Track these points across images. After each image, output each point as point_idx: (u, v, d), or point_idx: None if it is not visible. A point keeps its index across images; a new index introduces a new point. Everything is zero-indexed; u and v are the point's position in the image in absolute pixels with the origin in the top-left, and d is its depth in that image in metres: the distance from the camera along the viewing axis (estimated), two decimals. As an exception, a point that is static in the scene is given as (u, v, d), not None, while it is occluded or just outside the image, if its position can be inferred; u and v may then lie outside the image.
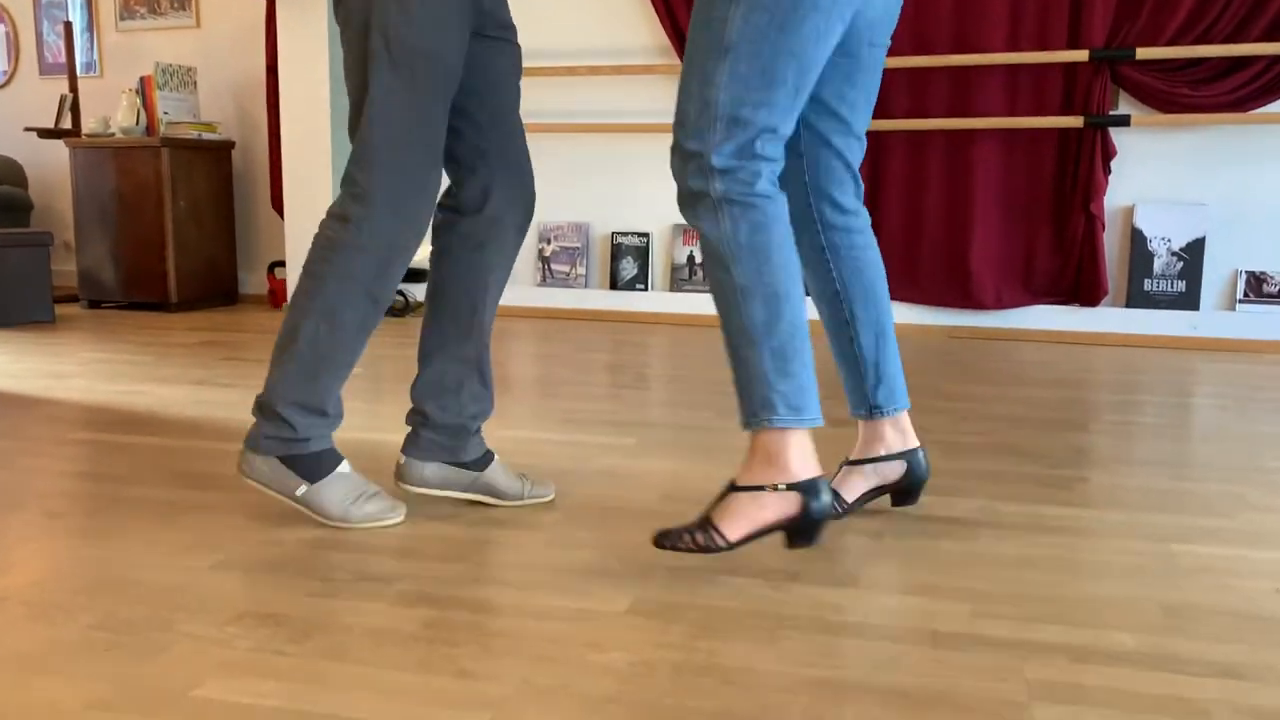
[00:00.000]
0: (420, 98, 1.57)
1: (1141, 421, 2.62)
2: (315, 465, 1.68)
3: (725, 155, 1.44)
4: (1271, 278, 3.93)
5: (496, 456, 1.87)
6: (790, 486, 1.45)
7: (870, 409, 1.75)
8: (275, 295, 5.11)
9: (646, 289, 4.68)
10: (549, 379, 3.13)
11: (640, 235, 4.69)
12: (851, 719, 1.09)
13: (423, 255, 4.99)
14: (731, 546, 1.47)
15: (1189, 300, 3.98)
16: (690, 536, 1.47)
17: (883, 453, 1.75)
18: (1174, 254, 3.99)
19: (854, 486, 1.77)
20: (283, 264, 5.08)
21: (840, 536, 1.69)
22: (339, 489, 1.69)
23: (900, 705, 1.12)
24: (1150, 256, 4.01)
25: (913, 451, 1.76)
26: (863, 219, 1.72)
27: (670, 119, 4.61)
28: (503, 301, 4.86)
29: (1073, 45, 3.99)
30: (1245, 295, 3.95)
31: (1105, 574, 1.53)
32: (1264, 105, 3.84)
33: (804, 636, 1.29)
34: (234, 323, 4.48)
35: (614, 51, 4.66)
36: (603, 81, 4.69)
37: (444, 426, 1.76)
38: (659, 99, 4.63)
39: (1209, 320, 3.96)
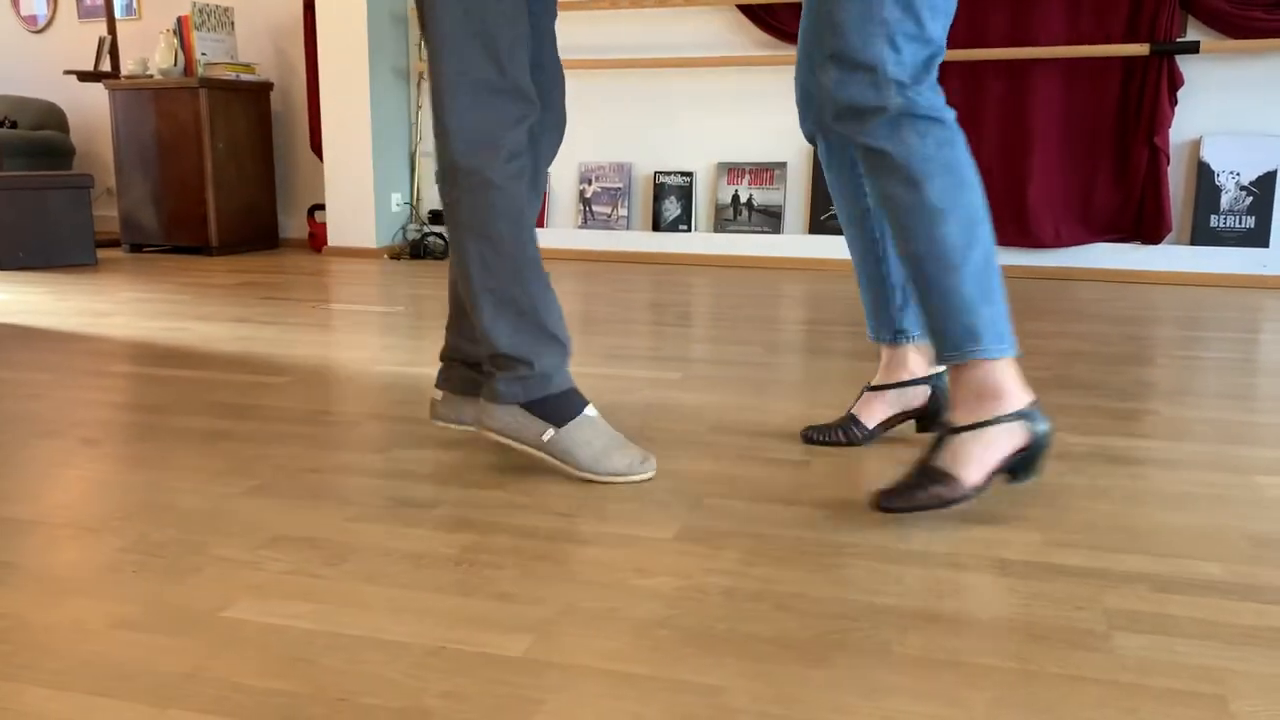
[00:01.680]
0: (500, 18, 1.43)
1: (1209, 356, 2.50)
2: (561, 406, 1.53)
3: (904, 68, 1.32)
4: (1347, 213, 3.74)
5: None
6: (1014, 416, 1.34)
7: (895, 333, 1.66)
8: (315, 239, 5.07)
9: (690, 230, 4.58)
10: (591, 316, 3.06)
11: (684, 175, 4.58)
12: (917, 646, 1.01)
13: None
14: (977, 492, 1.35)
15: (1258, 237, 3.80)
16: (924, 493, 1.34)
17: (906, 378, 1.68)
18: (1243, 189, 3.81)
19: (875, 412, 1.70)
20: (322, 207, 5.04)
21: (900, 466, 1.61)
22: (588, 434, 1.53)
23: (969, 633, 1.04)
24: (1218, 191, 3.84)
25: (939, 376, 1.68)
26: None
27: (717, 52, 4.47)
28: (542, 243, 4.78)
29: (1139, -32, 3.80)
30: (1318, 231, 3.77)
31: (1185, 505, 1.43)
32: (1344, 29, 3.63)
33: (863, 564, 1.22)
34: (274, 265, 4.45)
35: (657, -16, 4.52)
36: (645, 15, 4.55)
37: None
38: (703, 33, 4.49)
39: None
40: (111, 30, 5.09)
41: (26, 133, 5.22)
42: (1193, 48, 3.70)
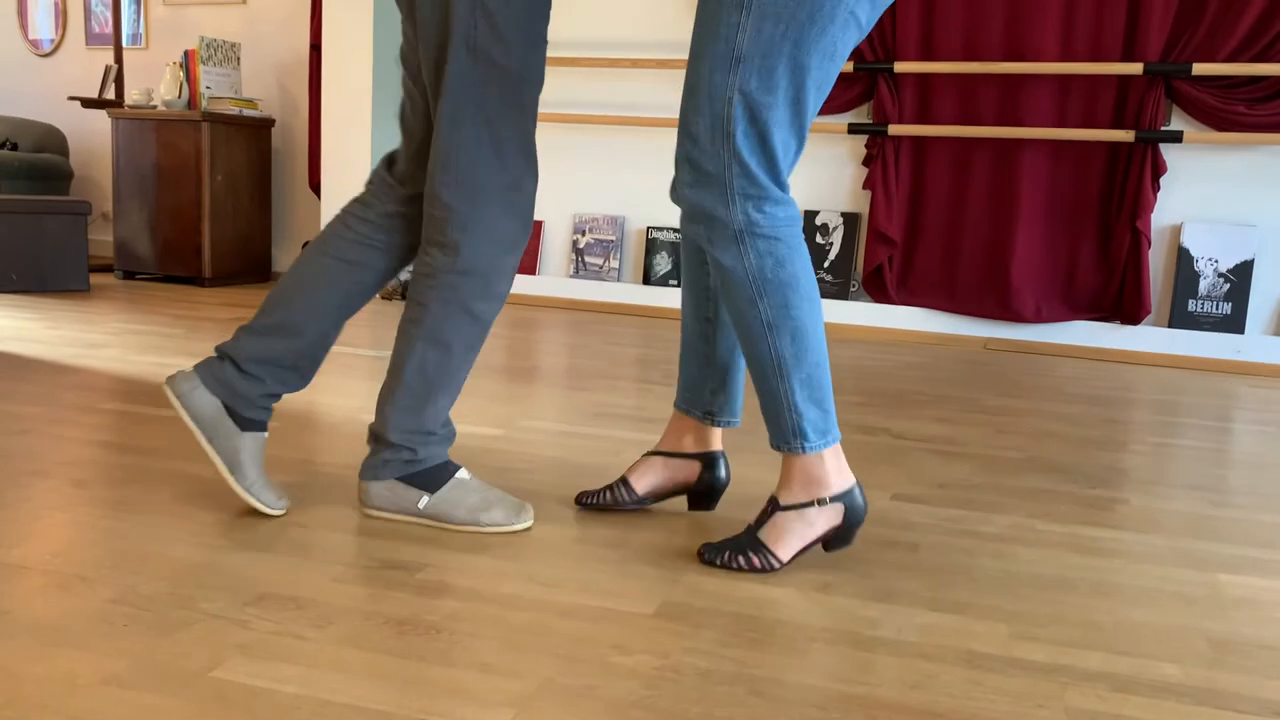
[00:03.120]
0: (507, 113, 1.51)
1: (1182, 444, 2.56)
2: (433, 475, 1.63)
3: (745, 179, 1.38)
4: (1320, 304, 3.84)
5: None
6: (833, 499, 1.49)
7: (704, 413, 1.68)
8: (308, 274, 5.11)
9: (679, 285, 4.64)
10: (579, 370, 3.10)
11: (675, 231, 4.65)
12: (885, 739, 1.05)
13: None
14: (783, 565, 1.49)
15: (1234, 323, 3.90)
16: (743, 557, 1.49)
17: (687, 450, 1.71)
18: (1221, 275, 3.91)
19: (648, 478, 1.72)
20: (317, 244, 5.08)
21: (875, 549, 1.65)
22: (463, 494, 1.62)
23: (935, 727, 1.08)
24: (1196, 277, 3.93)
25: (714, 455, 1.71)
26: None
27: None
28: (532, 291, 4.84)
29: (1127, 57, 3.92)
30: (1292, 321, 3.86)
31: (1149, 601, 1.48)
32: (1322, 127, 3.75)
33: (836, 650, 1.26)
34: (266, 300, 4.48)
35: (657, 45, 4.62)
36: (644, 75, 4.65)
37: None
38: (702, 95, 4.58)
39: (1254, 344, 3.87)
40: (118, 59, 5.15)
41: (26, 155, 5.26)
42: (1176, 137, 3.81)
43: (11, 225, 4.22)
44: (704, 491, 1.73)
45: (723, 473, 1.72)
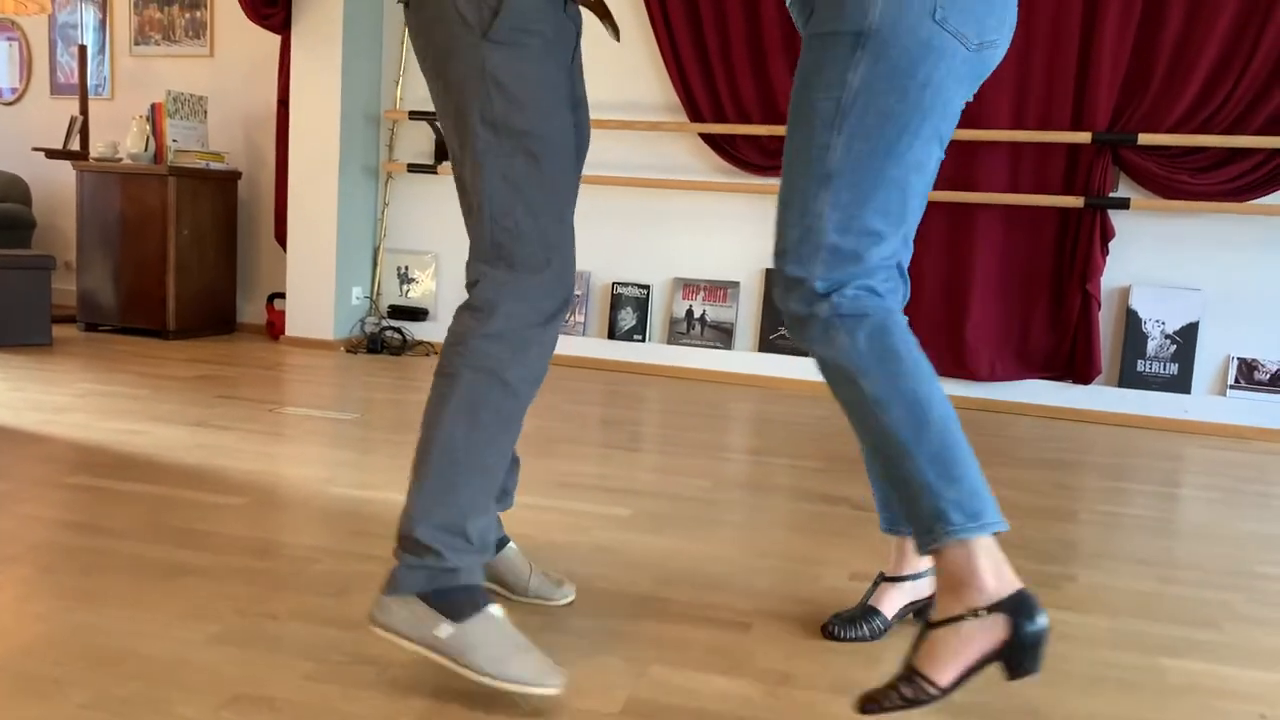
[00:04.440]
0: (537, 180, 1.45)
1: (1130, 513, 2.64)
2: (462, 601, 1.40)
3: (828, 281, 1.38)
4: (1262, 365, 3.97)
5: (513, 542, 1.81)
6: (991, 609, 1.29)
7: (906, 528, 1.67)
8: (273, 326, 5.11)
9: (644, 340, 4.71)
10: (544, 434, 3.14)
11: (640, 287, 4.72)
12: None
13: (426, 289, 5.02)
14: (945, 693, 1.30)
15: (1181, 383, 4.02)
16: (898, 694, 1.31)
17: (922, 570, 1.73)
18: (1168, 336, 4.03)
19: (894, 602, 1.73)
20: (282, 295, 5.10)
21: (831, 641, 1.70)
22: (490, 636, 1.39)
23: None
24: (1144, 338, 4.06)
25: None
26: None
27: (679, 175, 4.65)
28: (500, 345, 4.87)
29: (1076, 126, 4.06)
30: (1236, 381, 3.99)
31: (1095, 689, 1.54)
32: (1261, 196, 3.90)
33: (796, 749, 1.30)
34: (231, 354, 4.48)
35: (623, 106, 4.71)
36: (611, 135, 4.73)
37: None
38: (666, 155, 4.67)
39: (1200, 404, 3.99)
40: (84, 110, 5.15)
41: (-12, 205, 5.23)
42: (1124, 204, 3.95)
43: (-27, 280, 4.20)
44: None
45: None
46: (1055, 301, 4.16)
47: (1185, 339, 4.02)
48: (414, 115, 4.86)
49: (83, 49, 5.14)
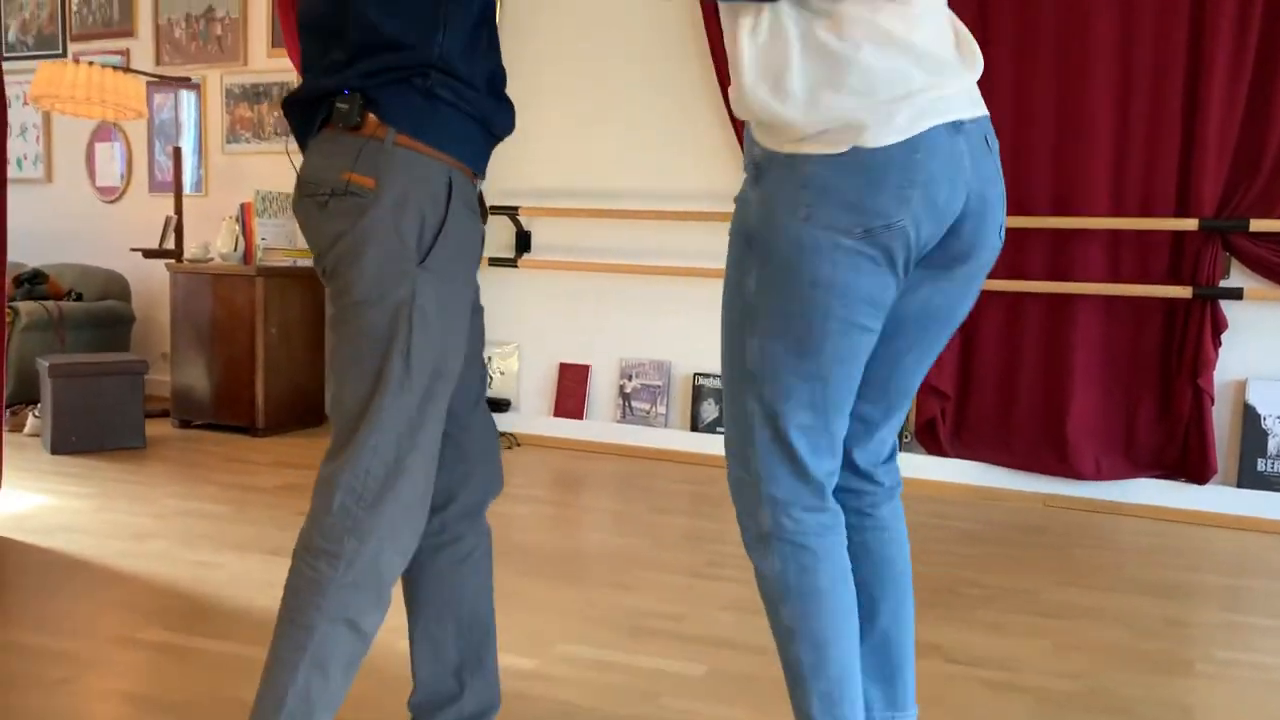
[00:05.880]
0: (427, 419, 1.41)
1: (1254, 660, 2.42)
2: None
3: (774, 485, 1.39)
4: (1399, 463, 3.66)
5: None
6: None
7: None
8: (359, 419, 5.15)
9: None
10: (622, 553, 3.04)
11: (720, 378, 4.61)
12: None
13: (504, 388, 4.97)
14: None
15: (1307, 483, 3.73)
16: None
17: None
18: (1290, 433, 3.76)
19: None
20: (368, 388, 5.13)
21: None
22: None
23: None
24: (1264, 435, 3.78)
25: None
26: (885, 492, 1.58)
27: (757, 264, 4.55)
28: (580, 435, 4.82)
29: (1181, 212, 3.83)
30: (1369, 481, 3.69)
31: None
32: (1390, 282, 3.62)
33: None
34: (316, 454, 4.52)
35: (704, 195, 4.64)
36: (690, 225, 4.67)
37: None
38: (747, 243, 4.58)
39: (1329, 507, 3.70)
40: (178, 210, 5.31)
41: (90, 304, 5.41)
42: (1236, 294, 3.70)
43: (71, 387, 4.33)
44: None
45: None
46: (1164, 396, 3.91)
47: (1310, 436, 3.73)
48: (494, 210, 4.87)
49: (177, 150, 5.30)
